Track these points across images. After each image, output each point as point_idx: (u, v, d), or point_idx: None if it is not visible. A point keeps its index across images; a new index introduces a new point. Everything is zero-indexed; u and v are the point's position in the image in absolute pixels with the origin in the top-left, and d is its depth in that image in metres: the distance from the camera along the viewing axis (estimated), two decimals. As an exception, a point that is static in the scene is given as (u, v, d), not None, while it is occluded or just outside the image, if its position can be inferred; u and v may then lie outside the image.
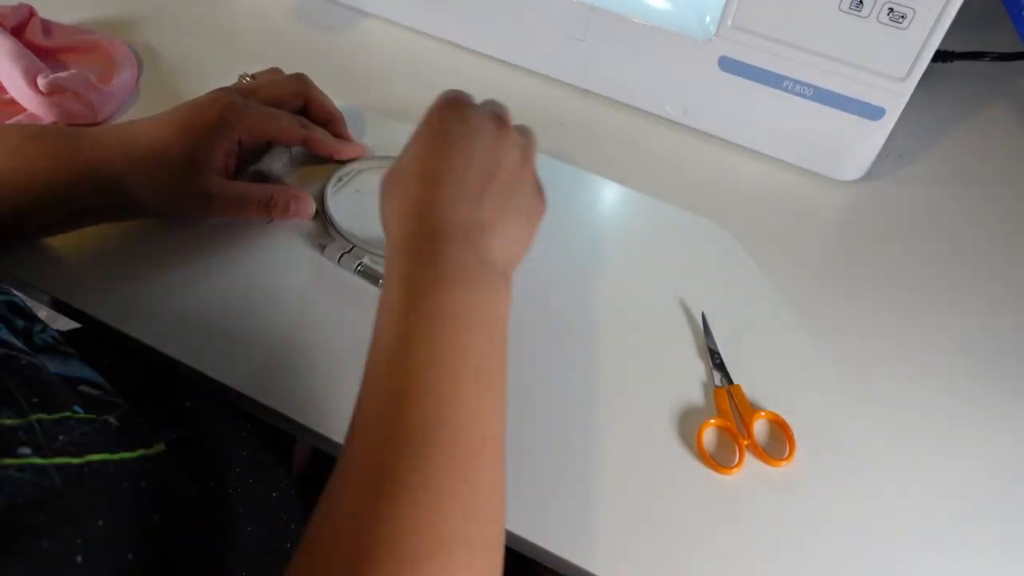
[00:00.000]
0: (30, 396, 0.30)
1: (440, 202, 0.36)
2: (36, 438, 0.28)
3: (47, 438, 0.29)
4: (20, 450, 0.28)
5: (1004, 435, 0.45)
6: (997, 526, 0.42)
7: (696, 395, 0.45)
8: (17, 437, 0.28)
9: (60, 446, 0.29)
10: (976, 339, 0.49)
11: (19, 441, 0.28)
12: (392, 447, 0.30)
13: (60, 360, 0.35)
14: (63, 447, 0.29)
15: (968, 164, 0.59)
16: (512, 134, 0.41)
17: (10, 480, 0.27)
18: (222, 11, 0.67)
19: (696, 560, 0.40)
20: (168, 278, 0.48)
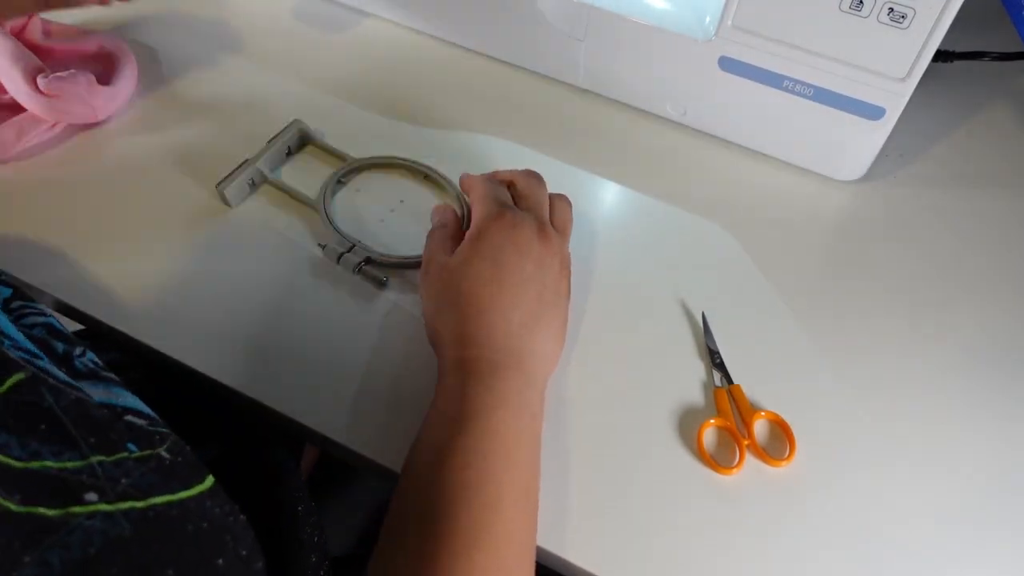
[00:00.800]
0: (87, 436, 0.28)
1: (494, 333, 0.40)
2: (100, 482, 0.27)
3: (110, 481, 0.27)
4: (87, 496, 0.26)
5: (1004, 435, 0.45)
6: (998, 525, 0.42)
7: (696, 395, 0.45)
8: (82, 482, 0.27)
9: (123, 489, 0.27)
10: (977, 339, 0.49)
11: (85, 486, 0.27)
12: (443, 547, 0.33)
13: (103, 387, 0.33)
14: (126, 490, 0.28)
15: (968, 164, 0.59)
16: (552, 241, 0.44)
17: (82, 529, 0.25)
18: (222, 11, 0.67)
19: (696, 560, 0.40)
20: (168, 279, 0.48)
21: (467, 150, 0.58)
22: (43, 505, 0.25)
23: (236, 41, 0.65)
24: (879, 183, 0.57)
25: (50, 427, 0.27)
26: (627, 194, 0.56)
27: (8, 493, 0.24)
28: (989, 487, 0.43)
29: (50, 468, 0.26)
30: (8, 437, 0.26)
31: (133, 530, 0.27)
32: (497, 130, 0.59)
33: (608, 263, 0.52)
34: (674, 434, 0.44)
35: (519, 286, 0.41)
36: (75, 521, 0.25)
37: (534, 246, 0.42)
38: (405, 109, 0.60)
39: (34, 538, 0.24)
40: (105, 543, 0.25)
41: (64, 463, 0.27)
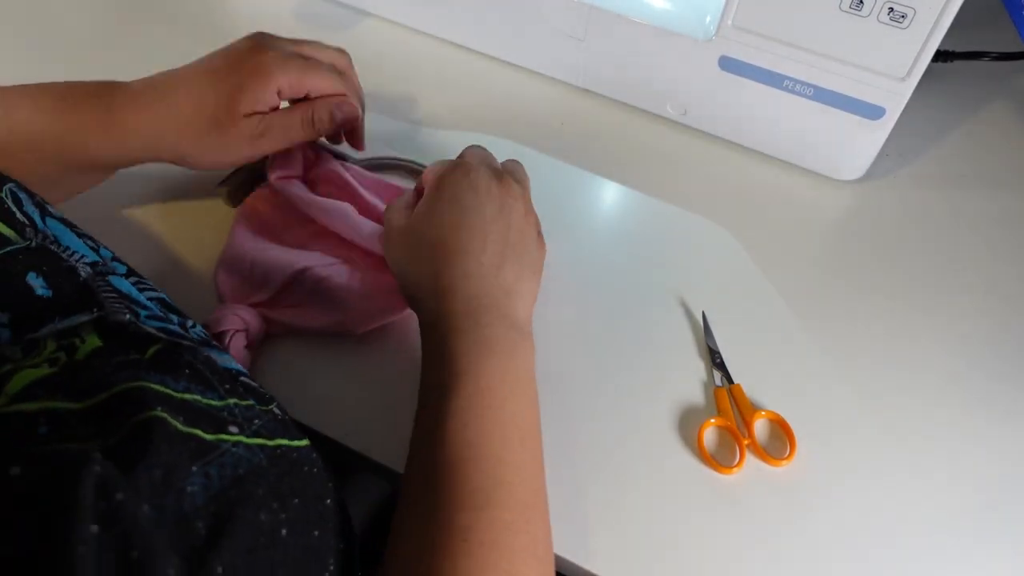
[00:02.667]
0: (222, 383, 0.32)
1: (469, 278, 0.39)
2: (238, 420, 0.31)
3: (245, 420, 0.31)
4: (231, 428, 0.30)
5: (1004, 435, 0.45)
6: (998, 525, 0.42)
7: (696, 395, 0.45)
8: (224, 417, 0.30)
9: (255, 429, 0.31)
10: (976, 338, 0.49)
11: (227, 421, 0.30)
12: (461, 510, 0.33)
13: (216, 353, 0.36)
14: (257, 430, 0.31)
15: (968, 164, 0.59)
16: (512, 187, 0.44)
17: (231, 453, 0.29)
18: (222, 11, 0.67)
19: (696, 560, 0.40)
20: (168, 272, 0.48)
21: (467, 150, 0.58)
22: (200, 429, 0.29)
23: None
24: (879, 183, 0.57)
25: (192, 373, 0.31)
26: (627, 194, 0.56)
27: (175, 415, 0.28)
28: (989, 486, 0.43)
29: (199, 401, 0.30)
30: (163, 376, 0.30)
31: (268, 462, 0.30)
32: (497, 130, 0.59)
33: (608, 263, 0.52)
34: (674, 434, 0.44)
35: (484, 227, 0.41)
36: (225, 446, 0.29)
37: (493, 188, 0.42)
38: (405, 109, 0.60)
39: (198, 453, 0.28)
40: (250, 468, 0.29)
41: (209, 400, 0.31)
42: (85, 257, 0.36)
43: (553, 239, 0.52)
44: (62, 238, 0.37)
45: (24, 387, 0.27)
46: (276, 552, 0.29)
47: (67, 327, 0.31)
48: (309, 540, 0.31)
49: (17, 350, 0.30)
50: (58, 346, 0.30)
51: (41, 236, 0.36)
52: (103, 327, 0.32)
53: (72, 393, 0.28)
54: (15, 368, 0.28)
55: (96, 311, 0.32)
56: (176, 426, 0.28)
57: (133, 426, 0.27)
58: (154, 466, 0.26)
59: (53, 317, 0.31)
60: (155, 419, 0.27)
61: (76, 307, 0.32)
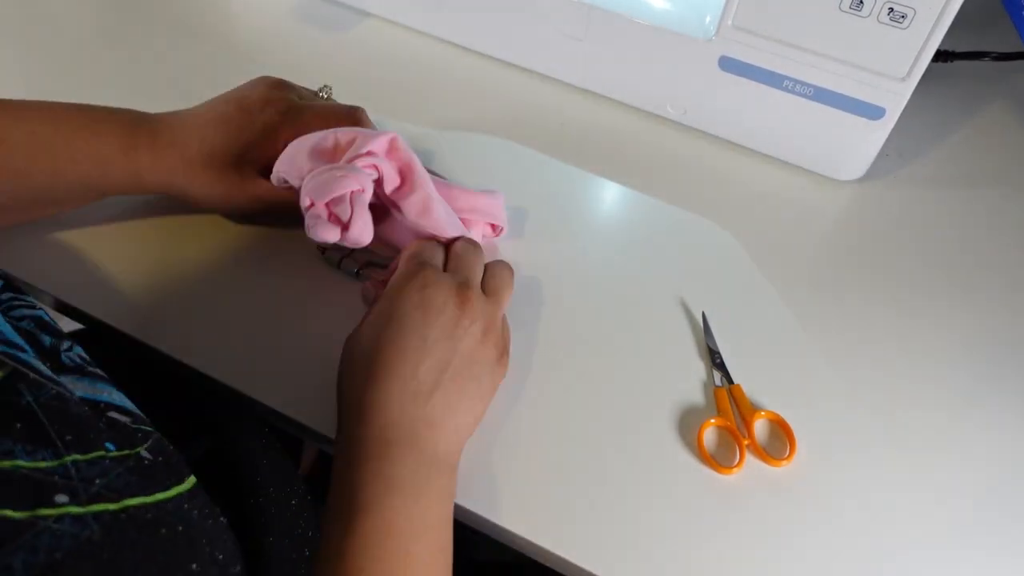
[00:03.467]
0: (63, 432, 0.28)
1: (389, 403, 0.36)
2: (72, 483, 0.27)
3: (83, 482, 0.27)
4: (57, 498, 0.26)
5: (1004, 435, 0.45)
6: (998, 526, 0.42)
7: (696, 395, 0.45)
8: (53, 483, 0.26)
9: (96, 491, 0.27)
10: (977, 339, 0.49)
11: (55, 488, 0.26)
12: None
13: (88, 382, 0.33)
14: (99, 492, 0.27)
15: (968, 164, 0.59)
16: (473, 305, 0.40)
17: (49, 532, 0.25)
18: (222, 11, 0.67)
19: (696, 560, 0.40)
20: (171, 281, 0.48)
21: (467, 150, 0.58)
22: (9, 507, 0.24)
23: (236, 41, 0.65)
24: (879, 183, 0.57)
25: (26, 425, 0.27)
26: (627, 194, 0.56)
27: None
28: (989, 486, 0.43)
29: (21, 468, 0.26)
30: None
31: (103, 533, 0.26)
32: (497, 130, 0.59)
33: (608, 263, 0.52)
34: (674, 434, 0.44)
35: (422, 349, 0.37)
36: (43, 523, 0.25)
37: (448, 307, 0.39)
38: (405, 109, 0.60)
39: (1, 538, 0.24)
40: (72, 547, 0.25)
41: (37, 463, 0.26)
42: None
43: (553, 239, 0.53)
44: None
45: None
46: None
47: None
48: None
49: None
50: None
51: None
52: None
53: None
54: None
55: None
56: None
57: None
58: None
59: None
60: None
61: None
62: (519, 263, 0.50)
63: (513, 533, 0.40)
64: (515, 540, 0.40)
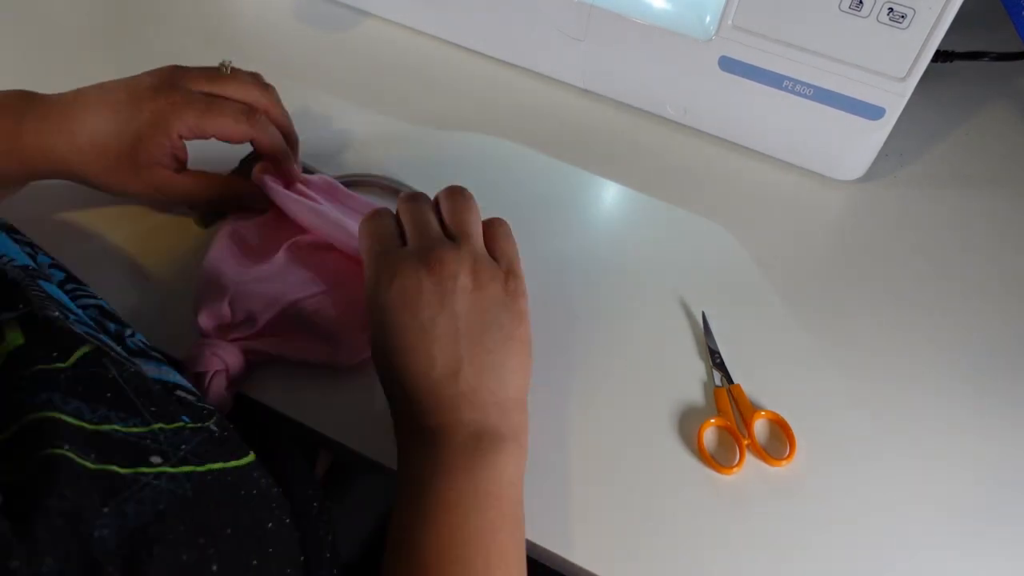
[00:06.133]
0: (147, 404, 0.30)
1: (420, 399, 0.37)
2: (163, 447, 0.29)
3: (172, 447, 0.29)
4: (152, 459, 0.28)
5: (1004, 435, 0.45)
6: (998, 525, 0.42)
7: (696, 395, 0.45)
8: (147, 446, 0.29)
9: (183, 455, 0.29)
10: (977, 339, 0.49)
11: (150, 450, 0.29)
12: None
13: (153, 364, 0.35)
14: (185, 456, 0.29)
15: (968, 164, 0.59)
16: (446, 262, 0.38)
17: (151, 487, 0.27)
18: (222, 11, 0.67)
19: (696, 560, 0.40)
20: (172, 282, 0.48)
21: (467, 150, 0.58)
22: (115, 463, 0.27)
23: (236, 41, 0.65)
24: (879, 183, 0.57)
25: (115, 395, 0.30)
26: (627, 194, 0.56)
27: (84, 453, 0.26)
28: (990, 486, 0.43)
29: (118, 431, 0.29)
30: (80, 403, 0.28)
31: (195, 491, 0.29)
32: (497, 130, 0.59)
33: (608, 263, 0.52)
34: (674, 434, 0.44)
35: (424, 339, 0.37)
36: (144, 479, 0.28)
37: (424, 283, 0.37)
38: (405, 109, 0.60)
39: (111, 492, 0.26)
40: (171, 501, 0.28)
41: (130, 428, 0.29)
42: (15, 260, 0.35)
43: (553, 239, 0.53)
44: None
45: None
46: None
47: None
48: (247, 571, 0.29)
49: None
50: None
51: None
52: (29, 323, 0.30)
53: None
54: None
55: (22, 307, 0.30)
56: (85, 465, 0.26)
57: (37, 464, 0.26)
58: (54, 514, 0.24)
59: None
60: (58, 458, 0.26)
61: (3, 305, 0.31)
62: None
63: (513, 533, 0.39)
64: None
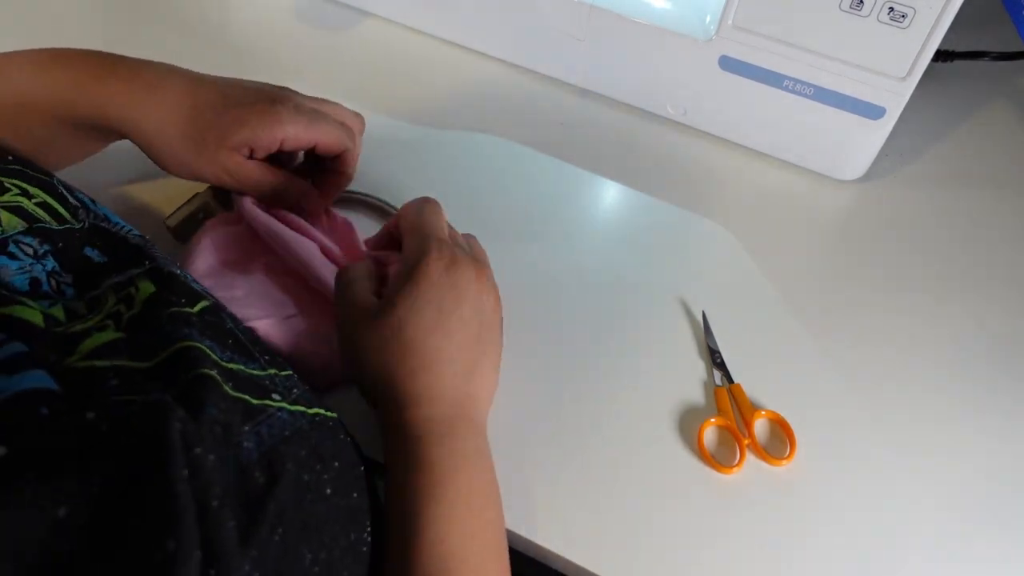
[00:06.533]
0: (262, 352, 0.34)
1: (443, 386, 0.38)
2: (279, 388, 0.33)
3: (286, 389, 0.33)
4: (273, 396, 0.32)
5: (1005, 435, 0.45)
6: (998, 526, 0.42)
7: (696, 394, 0.45)
8: (267, 386, 0.32)
9: (295, 398, 0.33)
10: (977, 339, 0.49)
11: (269, 389, 0.32)
12: None
13: None
14: (297, 399, 0.33)
15: (968, 163, 0.59)
16: (486, 275, 0.41)
17: (276, 418, 0.31)
18: (222, 11, 0.67)
19: (696, 560, 0.40)
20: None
21: (467, 150, 0.58)
22: (247, 395, 0.31)
23: (236, 41, 0.65)
24: (879, 183, 0.57)
25: (235, 342, 0.34)
26: (627, 194, 0.56)
27: (224, 378, 0.30)
28: (989, 485, 0.43)
29: (243, 371, 0.32)
30: (211, 342, 0.32)
31: (309, 426, 0.32)
32: (497, 130, 0.59)
33: (608, 263, 0.52)
34: (674, 433, 0.44)
35: (460, 332, 0.39)
36: (270, 410, 0.31)
37: (472, 284, 0.39)
38: (405, 109, 0.60)
39: (247, 415, 0.30)
40: (295, 431, 0.31)
41: (252, 370, 0.33)
42: (133, 231, 0.39)
43: (553, 240, 0.53)
44: (111, 218, 0.40)
45: (95, 348, 0.30)
46: (322, 506, 0.31)
47: (123, 279, 0.34)
48: (350, 501, 0.32)
49: (81, 305, 0.33)
50: (117, 299, 0.33)
51: (92, 216, 0.39)
52: (155, 275, 0.35)
53: (136, 353, 0.30)
54: (86, 331, 0.31)
55: (148, 263, 0.35)
56: (226, 389, 0.30)
57: (190, 381, 0.29)
58: (215, 421, 0.28)
59: (111, 275, 0.35)
60: (208, 377, 0.29)
61: (130, 264, 0.36)
62: (519, 263, 0.50)
63: (513, 533, 0.40)
64: (515, 540, 0.40)
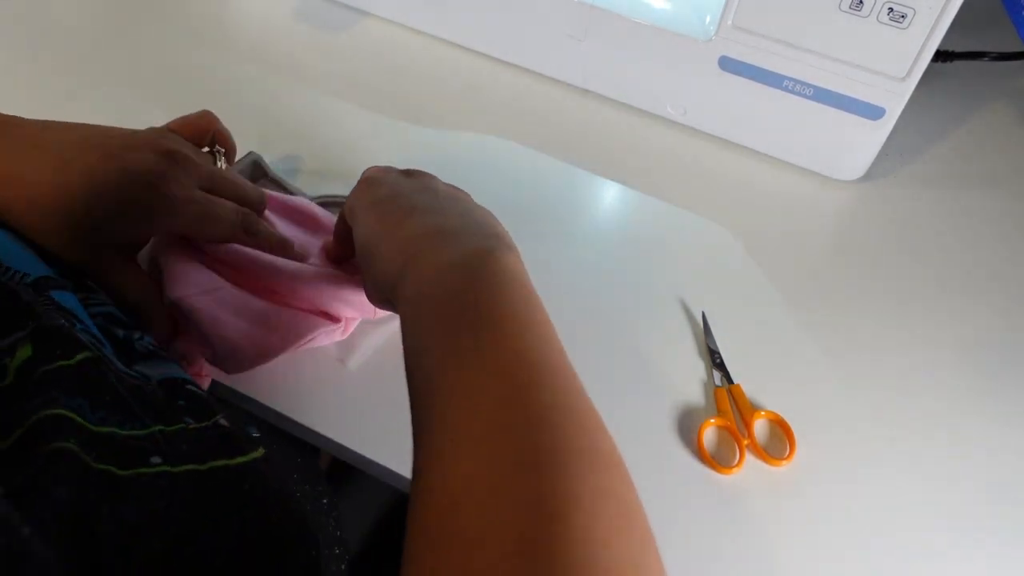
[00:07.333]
0: (146, 412, 0.31)
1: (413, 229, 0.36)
2: (162, 448, 0.29)
3: (171, 447, 0.30)
4: (152, 459, 0.29)
5: (1005, 435, 0.45)
6: (997, 525, 0.42)
7: (696, 395, 0.45)
8: (146, 448, 0.29)
9: (184, 454, 0.30)
10: (977, 339, 0.49)
11: (149, 451, 0.29)
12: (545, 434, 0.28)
13: (162, 364, 0.35)
14: (187, 455, 0.30)
15: (968, 163, 0.59)
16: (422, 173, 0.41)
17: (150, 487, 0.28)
18: (222, 11, 0.67)
19: (696, 560, 0.40)
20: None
21: (467, 150, 0.58)
22: (114, 465, 0.27)
23: (236, 41, 0.65)
24: (879, 183, 0.57)
25: (114, 400, 0.30)
26: (627, 194, 0.56)
27: (87, 449, 0.27)
28: (989, 486, 0.43)
29: (117, 433, 0.29)
30: (81, 400, 0.28)
31: (196, 490, 0.29)
32: (497, 130, 0.59)
33: (608, 263, 0.52)
34: (674, 434, 0.44)
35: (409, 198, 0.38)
36: (144, 479, 0.28)
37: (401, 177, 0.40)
38: (405, 109, 0.60)
39: (111, 489, 0.26)
40: (172, 499, 0.28)
41: (129, 431, 0.29)
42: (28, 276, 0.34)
43: (553, 239, 0.53)
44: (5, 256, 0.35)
45: None
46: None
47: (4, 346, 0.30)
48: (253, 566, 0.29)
49: None
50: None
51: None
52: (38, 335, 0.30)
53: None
54: None
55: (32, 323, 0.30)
56: (87, 462, 0.26)
57: (44, 457, 0.26)
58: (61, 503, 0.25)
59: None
60: (66, 451, 0.26)
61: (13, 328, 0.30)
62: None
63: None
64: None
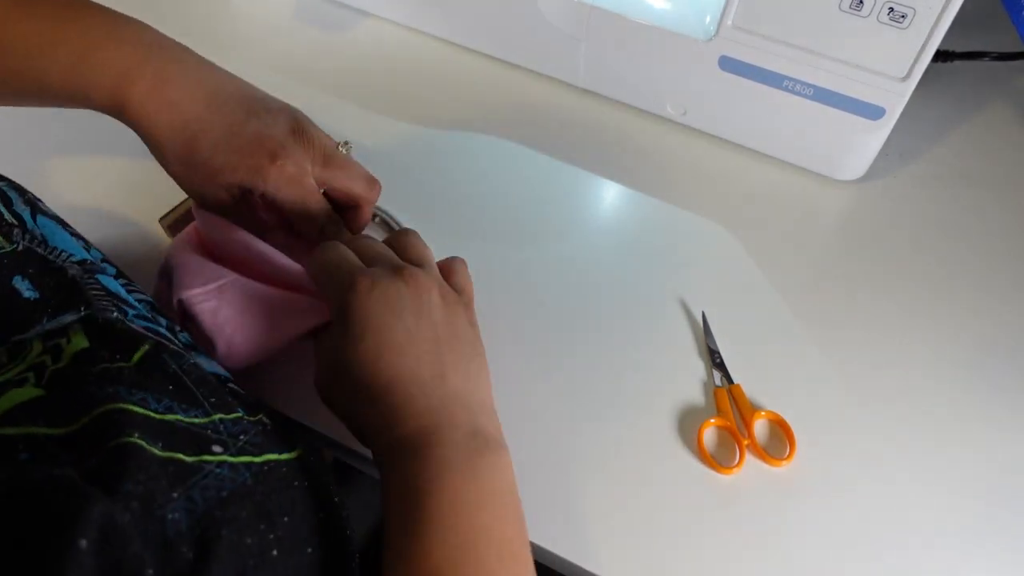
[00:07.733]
0: (207, 396, 0.32)
1: (412, 402, 0.35)
2: (223, 437, 0.30)
3: (231, 437, 0.31)
4: (214, 448, 0.30)
5: (1005, 434, 0.45)
6: (998, 525, 0.42)
7: (696, 395, 0.45)
8: (208, 436, 0.30)
9: (242, 445, 0.31)
10: (977, 338, 0.49)
11: (211, 440, 0.30)
12: None
13: (204, 358, 0.35)
14: (244, 447, 0.31)
15: (968, 164, 0.59)
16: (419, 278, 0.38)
17: (214, 474, 0.29)
18: (222, 11, 0.67)
19: (696, 560, 0.40)
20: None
21: (467, 150, 0.58)
22: (180, 452, 0.29)
23: (236, 41, 0.65)
24: (879, 183, 0.57)
25: (176, 387, 0.31)
26: (627, 194, 0.56)
27: (153, 440, 0.28)
28: (989, 487, 0.43)
29: (181, 421, 0.30)
30: (145, 394, 0.30)
31: (254, 480, 0.30)
32: (497, 130, 0.59)
33: (608, 263, 0.52)
34: (674, 434, 0.44)
35: (411, 343, 0.36)
36: (208, 467, 0.29)
37: (403, 293, 0.37)
38: (405, 109, 0.60)
39: (178, 478, 0.28)
40: (234, 489, 0.29)
41: (192, 419, 0.30)
42: (73, 256, 0.35)
43: (553, 240, 0.53)
44: (52, 237, 0.36)
45: (8, 410, 0.27)
46: (267, 572, 0.28)
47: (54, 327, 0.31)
48: (301, 558, 0.30)
49: (3, 352, 0.30)
50: (44, 348, 0.30)
51: (29, 237, 0.35)
52: (90, 325, 0.31)
53: (53, 418, 0.27)
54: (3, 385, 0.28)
55: (84, 309, 0.31)
56: (153, 452, 0.27)
57: (109, 451, 0.26)
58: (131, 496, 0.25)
59: (41, 318, 0.32)
60: (131, 446, 0.27)
61: (64, 306, 0.32)
62: (518, 263, 0.50)
63: (513, 533, 0.40)
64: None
